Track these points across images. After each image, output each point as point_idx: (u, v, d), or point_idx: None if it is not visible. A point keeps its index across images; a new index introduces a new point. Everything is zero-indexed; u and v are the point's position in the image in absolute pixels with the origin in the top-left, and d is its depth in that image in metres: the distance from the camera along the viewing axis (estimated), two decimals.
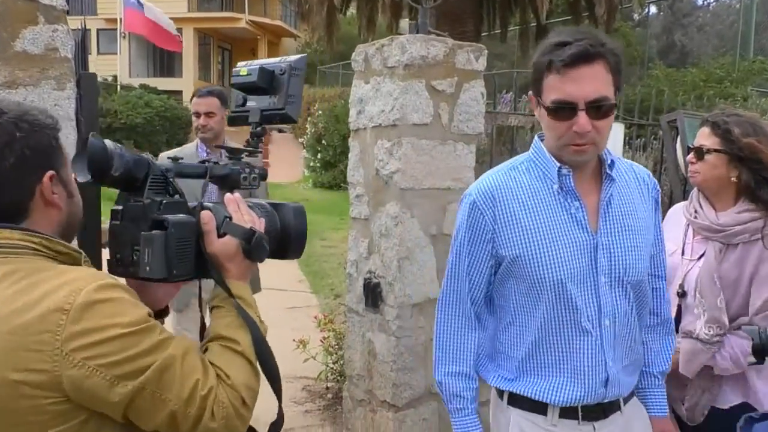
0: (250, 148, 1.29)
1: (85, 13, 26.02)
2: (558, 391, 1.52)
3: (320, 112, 15.06)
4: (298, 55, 1.28)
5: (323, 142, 14.48)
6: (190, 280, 1.15)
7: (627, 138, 4.22)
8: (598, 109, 1.40)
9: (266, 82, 1.25)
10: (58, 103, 2.03)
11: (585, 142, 1.42)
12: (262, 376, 1.12)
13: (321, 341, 3.94)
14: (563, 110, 1.41)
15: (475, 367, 1.64)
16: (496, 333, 1.64)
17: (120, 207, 1.12)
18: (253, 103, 1.28)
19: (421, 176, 2.80)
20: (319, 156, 14.73)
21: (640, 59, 18.25)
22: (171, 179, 1.13)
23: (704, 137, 1.92)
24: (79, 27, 2.46)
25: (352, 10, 14.37)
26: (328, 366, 3.91)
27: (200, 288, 1.28)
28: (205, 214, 1.13)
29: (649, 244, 1.60)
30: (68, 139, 2.04)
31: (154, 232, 1.06)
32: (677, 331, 1.89)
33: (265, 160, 19.50)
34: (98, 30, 25.79)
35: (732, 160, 1.85)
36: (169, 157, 1.19)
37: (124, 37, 23.59)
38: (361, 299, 3.00)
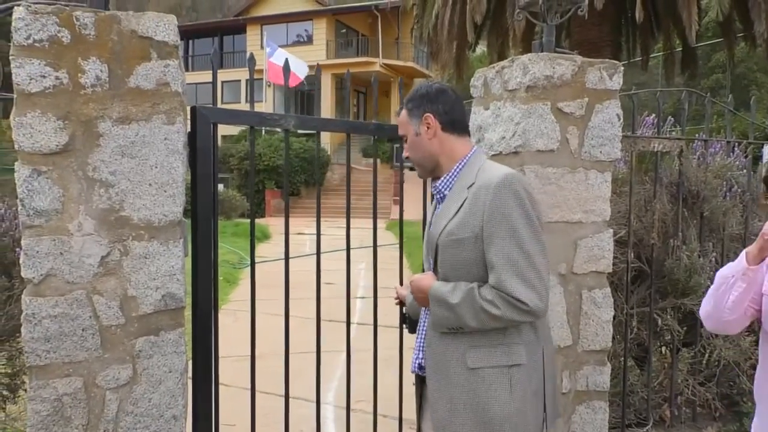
0: None
1: (237, 65, 28.80)
2: None
3: None
4: None
5: None
6: None
7: None
8: None
9: None
10: (168, 137, 2.03)
11: None
12: None
13: None
14: None
15: None
16: None
17: None
18: None
19: (547, 208, 2.51)
20: None
21: None
22: None
23: None
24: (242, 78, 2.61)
25: (482, 47, 14.27)
26: None
27: None
28: None
29: None
30: (176, 172, 2.04)
31: None
32: None
33: (395, 197, 19.69)
34: (246, 80, 28.04)
35: None
36: None
37: (269, 86, 25.32)
38: None
